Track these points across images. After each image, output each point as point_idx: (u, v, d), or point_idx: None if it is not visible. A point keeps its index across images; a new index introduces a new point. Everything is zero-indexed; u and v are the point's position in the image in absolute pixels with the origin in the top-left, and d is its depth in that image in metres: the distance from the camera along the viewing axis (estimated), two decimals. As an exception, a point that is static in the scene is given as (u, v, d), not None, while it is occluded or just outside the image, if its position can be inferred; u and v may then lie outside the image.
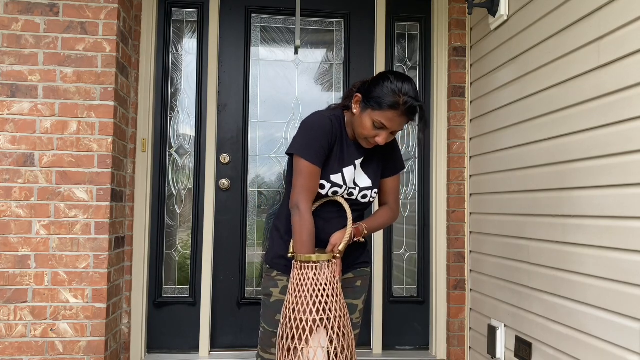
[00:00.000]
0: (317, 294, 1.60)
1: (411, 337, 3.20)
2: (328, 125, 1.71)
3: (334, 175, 1.73)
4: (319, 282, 1.61)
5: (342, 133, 1.77)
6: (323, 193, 1.74)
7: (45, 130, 2.55)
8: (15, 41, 2.55)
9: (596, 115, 1.87)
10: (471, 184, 3.01)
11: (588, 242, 1.90)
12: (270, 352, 1.82)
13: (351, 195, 1.78)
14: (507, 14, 2.53)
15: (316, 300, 1.59)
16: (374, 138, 1.68)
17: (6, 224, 2.51)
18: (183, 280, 3.08)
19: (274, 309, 1.80)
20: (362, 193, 1.79)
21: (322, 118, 1.72)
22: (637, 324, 1.65)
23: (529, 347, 2.27)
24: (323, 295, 1.60)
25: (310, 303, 1.59)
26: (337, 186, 1.74)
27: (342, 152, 1.76)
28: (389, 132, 1.67)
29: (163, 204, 3.08)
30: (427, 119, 1.72)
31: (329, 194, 1.75)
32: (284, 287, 1.80)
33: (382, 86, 1.64)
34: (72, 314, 2.53)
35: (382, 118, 1.63)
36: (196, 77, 3.12)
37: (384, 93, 1.63)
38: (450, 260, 3.06)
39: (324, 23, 3.25)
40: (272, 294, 1.81)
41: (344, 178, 1.75)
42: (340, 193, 1.76)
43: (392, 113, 1.62)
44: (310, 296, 1.60)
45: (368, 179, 1.81)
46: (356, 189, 1.78)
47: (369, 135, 1.68)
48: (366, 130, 1.67)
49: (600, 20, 1.85)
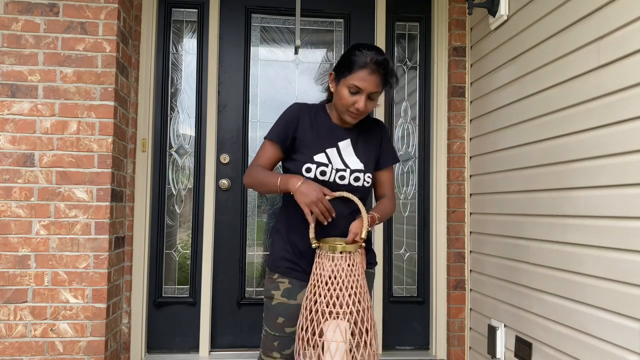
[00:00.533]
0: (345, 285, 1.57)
1: (411, 337, 3.20)
2: (295, 109, 1.82)
3: (317, 155, 1.77)
4: (344, 273, 1.58)
5: (318, 117, 1.83)
6: (311, 177, 1.75)
7: (45, 130, 2.55)
8: (15, 41, 2.55)
9: (596, 115, 1.87)
10: (471, 184, 3.01)
11: (588, 242, 1.90)
12: (272, 355, 1.80)
13: (343, 179, 1.78)
14: (507, 14, 2.53)
15: (341, 292, 1.56)
16: (354, 105, 1.72)
17: (6, 224, 2.51)
18: (183, 280, 3.08)
19: (275, 312, 1.79)
20: (354, 175, 1.79)
21: (291, 107, 1.84)
22: (637, 324, 1.65)
23: (529, 347, 2.28)
24: (348, 287, 1.57)
25: (333, 295, 1.56)
26: (322, 165, 1.76)
27: (321, 133, 1.80)
28: (366, 94, 1.71)
29: (163, 204, 3.08)
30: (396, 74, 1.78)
31: (317, 176, 1.75)
32: (285, 290, 1.79)
33: (350, 54, 1.74)
34: (72, 314, 2.53)
35: (355, 80, 1.69)
36: (196, 77, 3.12)
37: (351, 58, 1.71)
38: (450, 260, 3.06)
39: (324, 23, 3.25)
40: (273, 297, 1.80)
41: (329, 157, 1.78)
42: (329, 174, 1.76)
43: (362, 72, 1.69)
44: (335, 288, 1.57)
45: (359, 162, 1.81)
46: (347, 171, 1.78)
47: (347, 103, 1.72)
48: (344, 98, 1.72)
49: (600, 20, 1.85)
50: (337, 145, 1.80)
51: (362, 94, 1.71)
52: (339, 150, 1.80)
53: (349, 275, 1.59)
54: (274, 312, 1.80)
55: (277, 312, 1.79)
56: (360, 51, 1.71)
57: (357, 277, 1.59)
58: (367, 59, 1.69)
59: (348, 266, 1.60)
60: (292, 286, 1.79)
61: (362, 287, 1.61)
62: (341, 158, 1.79)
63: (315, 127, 1.80)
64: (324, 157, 1.77)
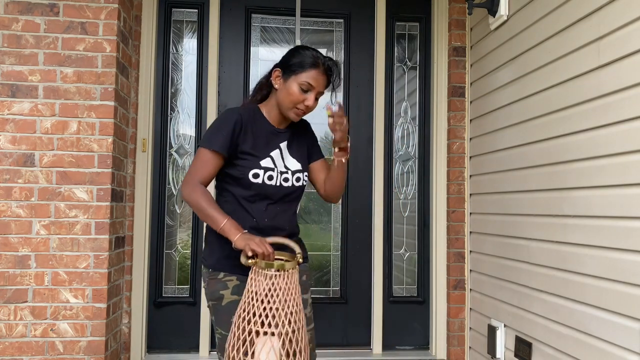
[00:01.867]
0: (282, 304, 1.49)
1: (411, 337, 3.20)
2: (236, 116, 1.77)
3: (263, 160, 1.78)
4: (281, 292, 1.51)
5: (257, 122, 1.82)
6: (259, 182, 1.76)
7: (45, 130, 2.55)
8: (16, 41, 2.55)
9: (596, 115, 1.87)
10: (471, 184, 3.01)
11: (588, 242, 1.90)
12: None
13: (287, 182, 1.81)
14: (507, 14, 2.53)
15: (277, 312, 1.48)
16: (303, 103, 1.75)
17: (6, 224, 2.51)
18: (183, 280, 3.08)
19: (228, 312, 1.73)
20: (296, 176, 1.84)
21: (228, 111, 1.81)
22: (637, 324, 1.65)
23: (529, 347, 2.28)
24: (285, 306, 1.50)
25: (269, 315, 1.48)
26: (270, 170, 1.78)
27: (263, 138, 1.80)
28: (315, 93, 1.75)
29: (163, 204, 3.08)
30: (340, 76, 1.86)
31: (265, 181, 1.76)
32: (235, 287, 1.74)
33: (300, 53, 1.78)
34: (72, 314, 2.53)
35: (308, 78, 1.73)
36: (196, 77, 3.12)
37: (303, 57, 1.75)
38: (450, 260, 3.06)
39: (324, 23, 3.25)
40: (223, 297, 1.75)
41: (274, 161, 1.80)
42: (275, 178, 1.78)
43: (315, 72, 1.74)
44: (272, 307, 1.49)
45: (297, 162, 1.86)
46: (288, 173, 1.82)
47: (297, 100, 1.74)
48: (294, 95, 1.74)
49: (600, 20, 1.85)
50: (279, 147, 1.83)
51: (312, 92, 1.75)
52: (281, 152, 1.83)
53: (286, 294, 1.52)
54: (227, 312, 1.74)
55: (230, 311, 1.72)
56: (312, 53, 1.77)
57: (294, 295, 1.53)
58: (319, 59, 1.75)
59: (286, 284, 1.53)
60: (241, 282, 1.74)
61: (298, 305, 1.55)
62: (283, 160, 1.83)
63: (257, 133, 1.80)
64: (270, 162, 1.79)
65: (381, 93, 3.19)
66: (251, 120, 1.79)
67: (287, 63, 1.78)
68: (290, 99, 1.76)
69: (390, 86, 3.24)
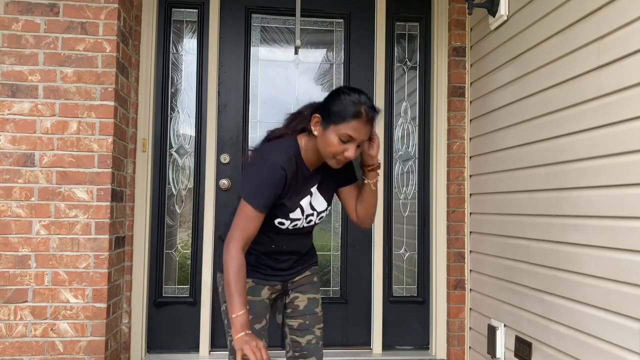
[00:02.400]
0: None
1: (411, 337, 3.20)
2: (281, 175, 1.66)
3: (293, 212, 1.74)
4: None
5: (297, 172, 1.71)
6: (283, 227, 1.75)
7: (45, 130, 2.55)
8: (16, 41, 2.55)
9: (596, 115, 1.87)
10: (471, 184, 3.01)
11: (588, 242, 1.90)
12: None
13: (310, 222, 1.80)
14: (507, 14, 2.53)
15: None
16: (343, 153, 1.63)
17: (6, 223, 2.51)
18: (183, 280, 3.08)
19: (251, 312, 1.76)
20: (320, 215, 1.82)
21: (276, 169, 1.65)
22: (637, 324, 1.65)
23: (529, 347, 2.28)
24: None
25: None
26: (296, 220, 1.76)
27: (298, 187, 1.73)
28: (356, 143, 1.64)
29: (163, 204, 3.08)
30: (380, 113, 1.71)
31: (288, 227, 1.76)
32: (250, 288, 1.78)
33: (340, 100, 1.63)
34: (72, 314, 2.53)
35: (348, 130, 1.60)
36: (196, 77, 3.12)
37: (344, 105, 1.61)
38: (450, 260, 3.06)
39: (324, 23, 3.25)
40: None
41: (302, 210, 1.75)
42: (300, 223, 1.77)
43: (356, 122, 1.60)
44: None
45: (324, 201, 1.81)
46: (314, 214, 1.80)
47: (337, 151, 1.63)
48: (333, 147, 1.62)
49: (600, 20, 1.85)
50: (310, 192, 1.77)
51: (353, 142, 1.63)
52: (311, 196, 1.78)
53: None
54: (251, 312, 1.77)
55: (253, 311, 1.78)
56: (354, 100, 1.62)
57: None
58: (361, 108, 1.61)
59: None
60: (255, 284, 1.81)
61: None
62: (311, 205, 1.78)
63: (295, 185, 1.72)
64: (299, 213, 1.75)
65: (381, 93, 3.19)
66: (293, 174, 1.70)
67: (327, 111, 1.64)
68: (330, 149, 1.63)
69: (390, 86, 3.24)
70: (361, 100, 1.62)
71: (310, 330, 1.88)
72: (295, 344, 1.89)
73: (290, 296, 1.90)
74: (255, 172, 1.68)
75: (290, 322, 1.90)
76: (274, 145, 1.74)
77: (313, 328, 1.89)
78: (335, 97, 1.66)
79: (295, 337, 1.89)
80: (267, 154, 1.69)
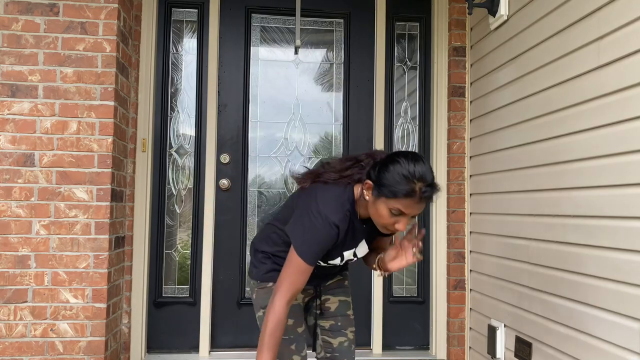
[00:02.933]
0: None
1: (411, 337, 3.20)
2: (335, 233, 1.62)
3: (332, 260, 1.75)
4: None
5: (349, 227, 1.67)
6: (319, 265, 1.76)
7: (45, 130, 2.55)
8: (15, 41, 2.55)
9: (596, 115, 1.87)
10: (471, 184, 3.01)
11: (588, 242, 1.90)
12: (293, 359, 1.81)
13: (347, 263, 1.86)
14: (507, 14, 2.53)
15: None
16: (394, 225, 1.57)
17: (6, 223, 2.51)
18: (183, 280, 3.08)
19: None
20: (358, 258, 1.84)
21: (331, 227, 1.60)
22: (637, 324, 1.65)
23: (529, 347, 2.28)
24: None
25: None
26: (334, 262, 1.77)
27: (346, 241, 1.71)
28: (409, 217, 1.56)
29: (163, 203, 3.08)
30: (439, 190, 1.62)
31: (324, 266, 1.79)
32: None
33: (393, 172, 1.51)
34: (72, 314, 2.53)
35: (399, 205, 1.52)
36: (196, 77, 3.12)
37: (396, 181, 1.50)
38: (450, 260, 3.06)
39: (324, 23, 3.25)
40: None
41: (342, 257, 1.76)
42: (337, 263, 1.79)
43: (408, 201, 1.51)
44: None
45: (366, 247, 1.82)
46: (353, 259, 1.83)
47: (387, 223, 1.57)
48: (384, 219, 1.56)
49: (600, 20, 1.85)
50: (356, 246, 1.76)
51: (405, 216, 1.55)
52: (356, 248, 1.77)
53: None
54: None
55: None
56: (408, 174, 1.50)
57: None
58: (415, 187, 1.49)
59: None
60: None
61: None
62: (354, 253, 1.78)
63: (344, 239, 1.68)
64: (338, 260, 1.76)
65: (381, 93, 3.19)
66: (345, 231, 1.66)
67: (379, 180, 1.54)
68: (380, 220, 1.58)
69: (390, 86, 3.24)
70: (416, 174, 1.50)
71: (343, 332, 1.91)
72: (327, 344, 1.91)
73: (321, 298, 1.92)
74: (311, 225, 1.61)
75: (322, 323, 1.92)
76: (331, 195, 1.66)
77: (346, 330, 1.92)
78: (388, 167, 1.54)
79: (327, 337, 1.91)
80: (324, 207, 1.61)
